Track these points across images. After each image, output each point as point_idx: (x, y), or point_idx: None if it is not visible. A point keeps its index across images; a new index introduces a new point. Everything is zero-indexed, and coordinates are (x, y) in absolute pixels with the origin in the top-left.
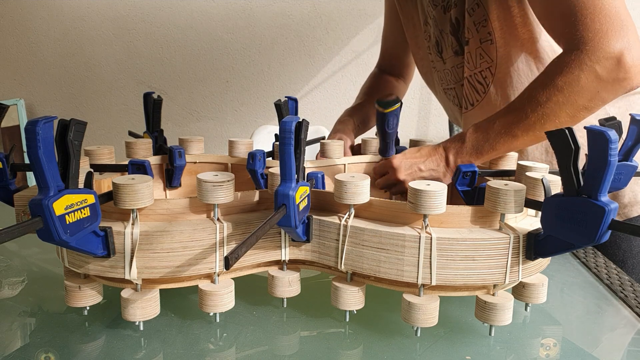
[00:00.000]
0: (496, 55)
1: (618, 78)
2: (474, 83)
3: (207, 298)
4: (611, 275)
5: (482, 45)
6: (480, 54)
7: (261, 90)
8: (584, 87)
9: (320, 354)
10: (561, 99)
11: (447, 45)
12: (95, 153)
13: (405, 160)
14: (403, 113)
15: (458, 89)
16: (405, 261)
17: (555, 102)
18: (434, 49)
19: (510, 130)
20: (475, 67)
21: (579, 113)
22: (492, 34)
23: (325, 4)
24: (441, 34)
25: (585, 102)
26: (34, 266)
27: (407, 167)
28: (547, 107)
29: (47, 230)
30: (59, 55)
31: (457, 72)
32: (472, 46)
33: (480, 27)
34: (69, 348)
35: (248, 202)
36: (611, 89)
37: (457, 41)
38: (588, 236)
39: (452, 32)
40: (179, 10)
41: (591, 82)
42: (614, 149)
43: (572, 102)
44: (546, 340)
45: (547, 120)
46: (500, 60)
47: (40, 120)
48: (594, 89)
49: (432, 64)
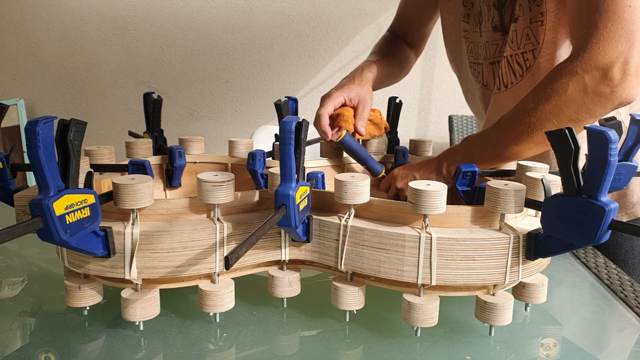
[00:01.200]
0: (543, 38)
1: (603, 92)
2: (513, 64)
3: (207, 298)
4: (611, 276)
5: (531, 25)
6: (527, 34)
7: (261, 90)
8: (571, 97)
9: (320, 354)
10: (548, 107)
11: (487, 18)
12: (95, 153)
13: (402, 171)
14: (403, 113)
15: (486, 67)
16: (405, 261)
17: (542, 110)
18: (476, 17)
19: (500, 139)
20: (518, 47)
21: (565, 124)
22: (544, 15)
23: (325, 4)
24: (484, 5)
25: (571, 114)
26: (34, 266)
27: (403, 176)
28: (534, 115)
29: (47, 230)
30: (59, 55)
31: (489, 49)
32: (521, 25)
33: (533, 6)
34: (69, 348)
35: (248, 202)
36: (598, 102)
37: (499, 16)
38: (588, 236)
39: (497, 6)
40: (179, 10)
41: (578, 93)
42: (614, 149)
43: (558, 113)
44: (546, 340)
45: (534, 130)
46: (546, 44)
47: (40, 120)
48: (581, 100)
49: (465, 33)
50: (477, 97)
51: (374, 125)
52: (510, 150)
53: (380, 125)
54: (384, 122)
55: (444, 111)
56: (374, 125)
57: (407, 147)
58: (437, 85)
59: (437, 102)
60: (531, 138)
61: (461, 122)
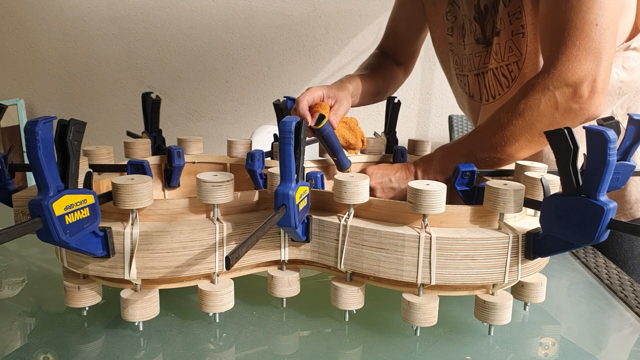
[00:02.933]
0: (526, 49)
1: (572, 108)
2: (499, 76)
3: (207, 298)
4: (611, 276)
5: (513, 37)
6: (510, 46)
7: (261, 90)
8: (543, 113)
9: (320, 353)
10: (521, 122)
11: (470, 31)
12: (94, 153)
13: (378, 171)
14: (403, 113)
15: (471, 78)
16: (404, 261)
17: (515, 125)
18: (459, 31)
19: (473, 152)
20: (502, 60)
21: (537, 139)
22: (524, 27)
23: (325, 4)
24: (466, 19)
25: (542, 128)
26: (34, 266)
27: (378, 176)
28: (507, 130)
29: (46, 230)
30: (59, 55)
31: (474, 61)
32: (503, 38)
33: (513, 19)
34: (68, 348)
35: (248, 202)
36: (567, 118)
37: (481, 29)
38: (587, 236)
39: (478, 20)
40: (179, 10)
41: (549, 109)
42: (612, 148)
43: (530, 127)
44: (545, 339)
45: (507, 143)
46: (529, 55)
47: (40, 120)
48: (552, 115)
49: (450, 46)
50: (466, 108)
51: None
52: (484, 162)
53: (356, 133)
54: (360, 131)
55: (444, 111)
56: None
57: (406, 147)
58: (437, 85)
59: (437, 102)
60: (504, 150)
61: (461, 122)
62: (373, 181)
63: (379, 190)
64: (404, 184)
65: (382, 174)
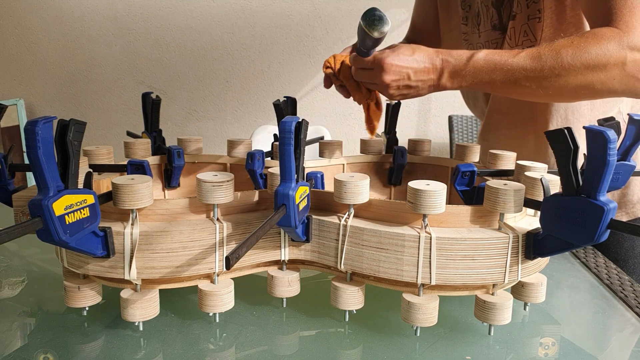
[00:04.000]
0: (541, 35)
1: (636, 76)
2: None
3: (207, 298)
4: (611, 275)
5: (529, 22)
6: (525, 31)
7: (261, 90)
8: (609, 66)
9: (320, 353)
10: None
11: (486, 18)
12: (93, 153)
13: (398, 64)
14: (403, 113)
15: None
16: (404, 261)
17: (577, 63)
18: (474, 19)
19: (515, 74)
20: (516, 44)
21: (581, 91)
22: (541, 12)
23: (325, 4)
24: (482, 5)
25: (598, 81)
26: (34, 266)
27: (396, 72)
28: (565, 62)
29: (46, 230)
30: (59, 55)
31: (489, 48)
32: (518, 22)
33: (531, 3)
34: (68, 348)
35: (248, 202)
36: (626, 84)
37: (498, 15)
38: (587, 235)
39: (495, 5)
40: (179, 10)
41: (618, 65)
42: (612, 148)
43: (591, 71)
44: (545, 339)
45: (560, 75)
46: (543, 40)
47: (40, 120)
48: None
49: (465, 36)
50: (480, 99)
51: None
52: (523, 87)
53: (378, 99)
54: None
55: (444, 111)
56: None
57: (406, 147)
58: None
59: (437, 102)
60: (552, 83)
61: (461, 122)
62: (389, 77)
63: (394, 88)
64: (423, 84)
65: (400, 70)
